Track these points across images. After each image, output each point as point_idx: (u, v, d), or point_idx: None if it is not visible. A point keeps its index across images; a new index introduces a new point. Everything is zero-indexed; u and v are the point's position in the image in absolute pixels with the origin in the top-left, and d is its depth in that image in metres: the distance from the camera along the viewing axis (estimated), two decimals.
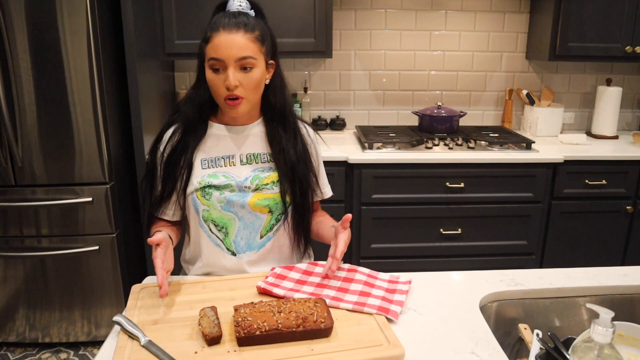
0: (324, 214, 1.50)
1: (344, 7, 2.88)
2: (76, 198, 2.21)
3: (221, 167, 1.33)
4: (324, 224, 1.42)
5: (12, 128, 2.12)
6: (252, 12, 1.28)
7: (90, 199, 2.22)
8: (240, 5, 1.27)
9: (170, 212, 1.36)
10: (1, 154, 2.14)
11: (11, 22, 2.01)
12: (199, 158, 1.33)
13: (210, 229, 1.33)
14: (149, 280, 1.28)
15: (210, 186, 1.30)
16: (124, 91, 2.31)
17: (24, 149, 2.16)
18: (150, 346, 0.98)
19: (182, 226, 1.43)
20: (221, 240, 1.34)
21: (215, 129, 1.35)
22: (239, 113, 1.28)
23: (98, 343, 2.47)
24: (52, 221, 2.24)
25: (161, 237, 1.17)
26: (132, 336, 1.01)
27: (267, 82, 1.31)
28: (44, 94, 2.10)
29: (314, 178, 1.42)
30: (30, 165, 2.18)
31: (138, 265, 2.54)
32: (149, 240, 1.15)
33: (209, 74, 1.24)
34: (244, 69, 1.23)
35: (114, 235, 2.29)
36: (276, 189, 1.33)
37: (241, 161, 1.35)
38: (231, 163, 1.34)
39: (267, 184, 1.33)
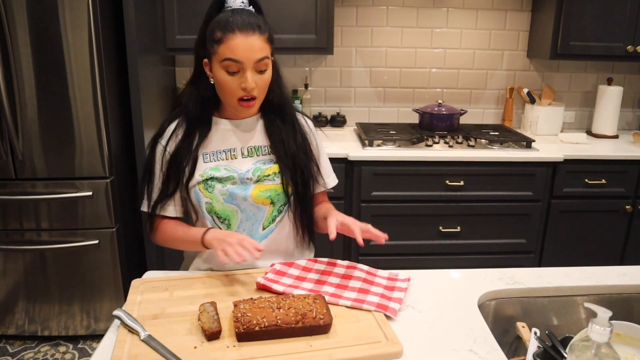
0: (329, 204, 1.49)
1: (346, 3, 2.88)
2: (76, 192, 2.21)
3: (223, 160, 1.34)
4: (324, 208, 1.41)
5: (13, 121, 2.12)
6: (251, 8, 1.28)
7: (90, 193, 2.22)
8: (242, 2, 1.27)
9: (172, 209, 1.36)
10: (1, 147, 2.14)
11: (12, 15, 2.01)
12: (201, 152, 1.33)
13: (213, 221, 1.34)
14: (148, 274, 1.28)
15: (212, 178, 1.30)
16: (125, 86, 2.30)
17: (24, 142, 2.16)
18: (149, 341, 0.98)
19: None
20: None
21: (219, 124, 1.35)
22: (252, 113, 1.33)
23: (97, 337, 2.48)
24: (52, 215, 2.25)
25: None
26: (131, 330, 1.02)
27: None
28: (45, 88, 2.10)
29: (315, 167, 1.42)
30: (31, 159, 2.18)
31: (137, 260, 2.55)
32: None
33: (222, 74, 1.24)
34: (260, 71, 1.25)
35: (114, 229, 2.29)
36: (277, 180, 1.34)
37: (242, 154, 1.35)
38: (233, 156, 1.35)
39: (269, 175, 1.34)
